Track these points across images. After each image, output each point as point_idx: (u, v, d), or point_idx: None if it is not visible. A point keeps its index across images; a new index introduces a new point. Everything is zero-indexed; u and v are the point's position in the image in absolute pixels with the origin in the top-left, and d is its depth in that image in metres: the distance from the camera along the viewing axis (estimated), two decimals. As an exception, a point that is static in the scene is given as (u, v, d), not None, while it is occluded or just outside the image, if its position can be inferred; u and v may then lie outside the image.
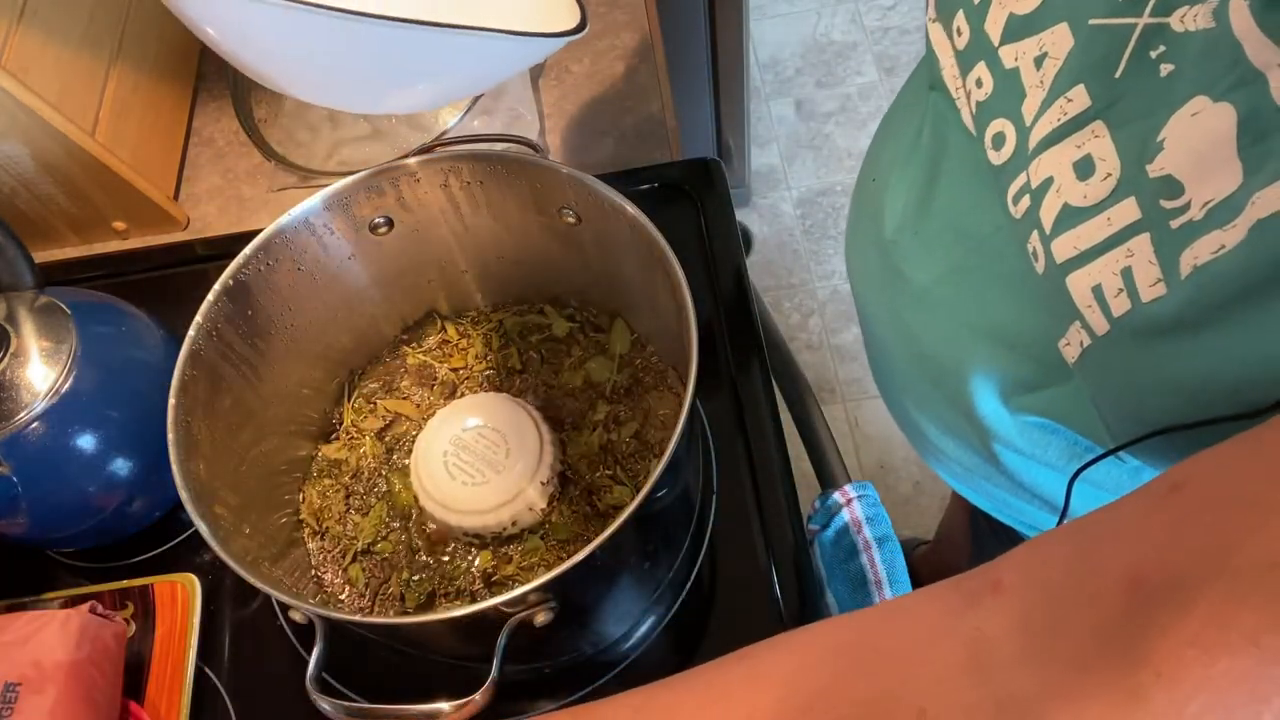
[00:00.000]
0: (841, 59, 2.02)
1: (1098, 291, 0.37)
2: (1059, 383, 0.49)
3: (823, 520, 0.69)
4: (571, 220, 0.62)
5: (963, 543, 1.27)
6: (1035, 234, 0.40)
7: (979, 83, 0.44)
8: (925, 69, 0.54)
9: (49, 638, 0.58)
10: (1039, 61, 0.39)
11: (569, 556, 0.47)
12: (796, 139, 1.94)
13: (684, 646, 0.63)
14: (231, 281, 0.58)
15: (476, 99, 0.87)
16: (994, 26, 0.42)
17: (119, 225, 0.85)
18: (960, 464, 0.60)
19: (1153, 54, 0.34)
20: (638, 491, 0.49)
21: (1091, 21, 0.37)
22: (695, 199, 0.79)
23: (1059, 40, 0.38)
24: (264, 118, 0.90)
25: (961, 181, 0.50)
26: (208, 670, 0.65)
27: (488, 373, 0.71)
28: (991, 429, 0.56)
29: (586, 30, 0.51)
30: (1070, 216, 0.38)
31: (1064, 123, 0.38)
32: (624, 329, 0.70)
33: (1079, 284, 0.38)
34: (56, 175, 0.79)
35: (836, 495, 0.69)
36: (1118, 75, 0.36)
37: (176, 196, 0.88)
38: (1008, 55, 0.41)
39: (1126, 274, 0.36)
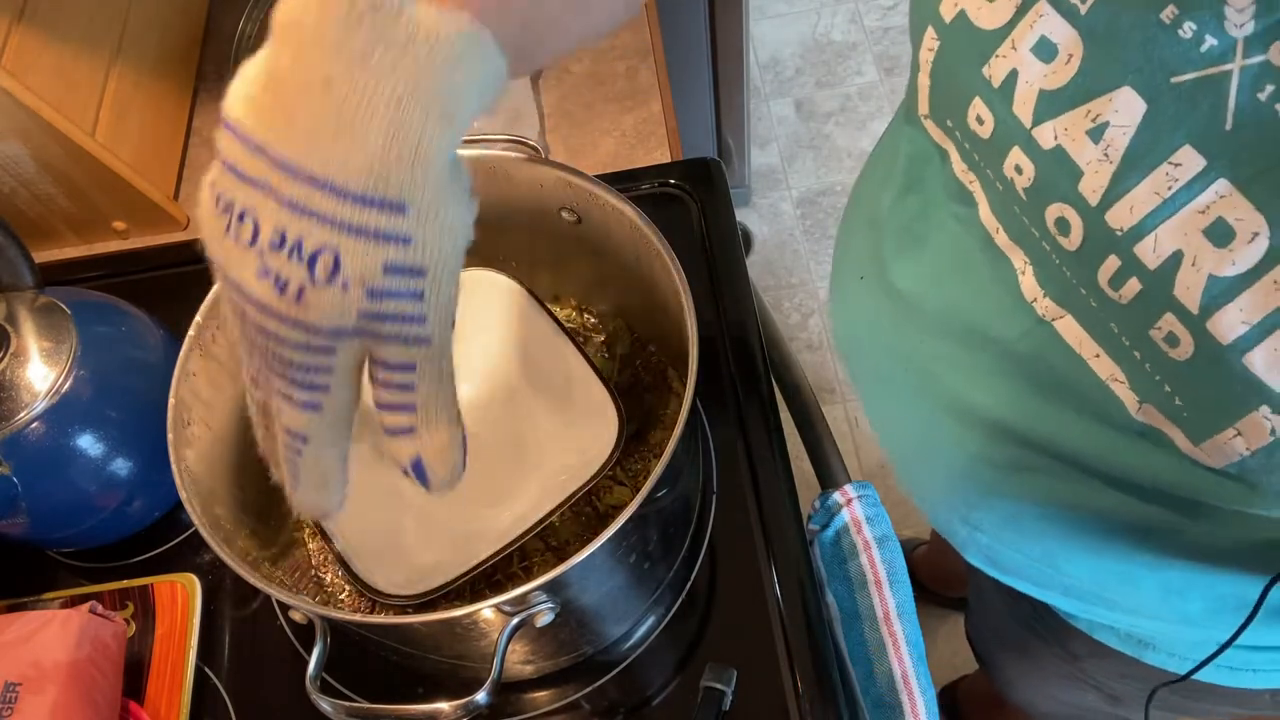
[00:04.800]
0: (841, 59, 2.02)
1: None
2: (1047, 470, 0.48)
3: (823, 520, 0.69)
4: (571, 220, 0.62)
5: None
6: (1170, 317, 0.35)
7: (1019, 169, 0.40)
8: (920, 162, 0.50)
9: (49, 638, 0.58)
10: (1096, 134, 0.36)
11: (569, 557, 0.47)
12: (796, 139, 1.94)
13: (684, 646, 0.63)
14: (231, 281, 0.58)
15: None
16: (1024, 106, 0.38)
17: (119, 225, 0.85)
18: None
19: (1261, 96, 0.31)
20: (638, 491, 0.49)
21: (1174, 79, 0.33)
22: (695, 199, 0.79)
23: (1122, 106, 0.35)
24: (264, 118, 0.90)
25: (976, 281, 0.47)
26: (208, 670, 0.65)
27: (488, 373, 0.71)
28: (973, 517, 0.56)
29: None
30: (1225, 289, 0.33)
31: (1177, 190, 0.34)
32: (624, 329, 0.70)
33: (1265, 361, 0.33)
34: (56, 175, 0.79)
35: (836, 495, 0.68)
36: (1228, 128, 0.32)
37: (176, 196, 0.88)
38: (1044, 134, 0.38)
39: None
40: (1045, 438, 0.47)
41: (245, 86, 0.33)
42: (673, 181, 0.80)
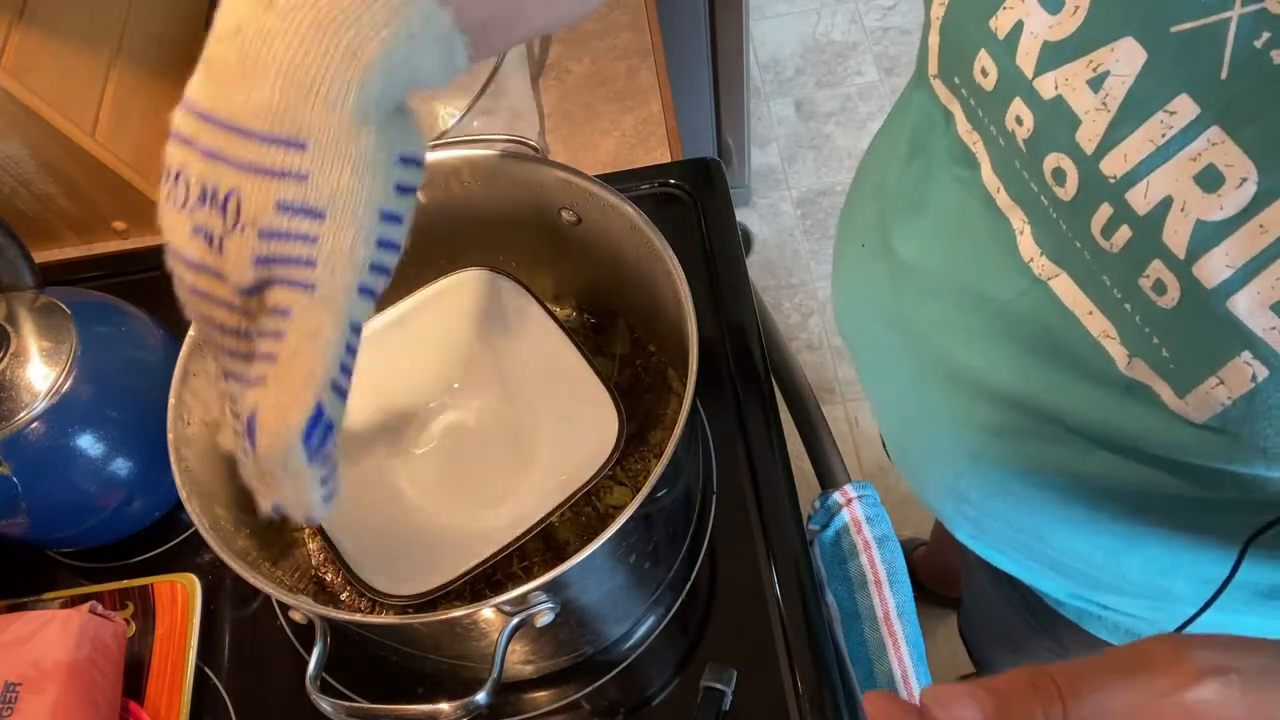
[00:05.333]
0: (841, 59, 2.02)
1: None
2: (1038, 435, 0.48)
3: (823, 520, 0.69)
4: (571, 220, 0.62)
5: (957, 543, 1.27)
6: (1158, 263, 0.36)
7: (1019, 120, 0.41)
8: (925, 128, 0.51)
9: (49, 638, 0.58)
10: (1096, 83, 0.37)
11: (569, 557, 0.47)
12: (796, 139, 1.94)
13: (684, 646, 0.63)
14: (231, 281, 0.58)
15: (476, 99, 0.87)
16: (1027, 58, 0.39)
17: (119, 225, 0.85)
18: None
19: (1257, 44, 0.32)
20: (638, 491, 0.49)
21: (1174, 28, 0.34)
22: (695, 199, 0.79)
23: (1124, 56, 0.36)
24: (264, 118, 0.90)
25: (975, 243, 0.48)
26: (208, 670, 0.65)
27: (488, 373, 0.71)
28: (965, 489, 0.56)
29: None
30: (1211, 234, 0.34)
31: (1171, 137, 0.35)
32: (624, 329, 0.70)
33: (1248, 304, 0.34)
34: (56, 175, 0.79)
35: (836, 495, 0.69)
36: (1224, 76, 0.33)
37: (176, 196, 0.88)
38: (1045, 85, 0.39)
39: None
40: (1036, 399, 0.47)
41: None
42: (673, 181, 0.80)
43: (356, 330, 0.35)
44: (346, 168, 0.33)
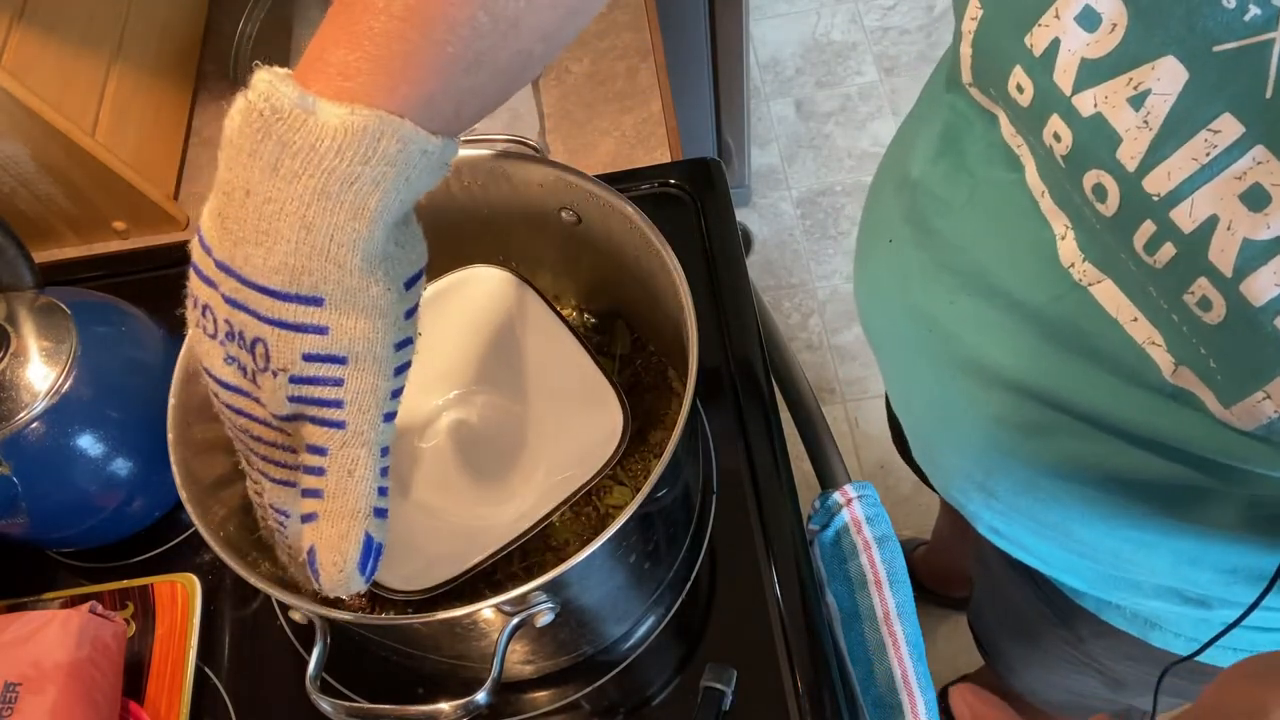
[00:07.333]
0: (841, 59, 2.02)
1: None
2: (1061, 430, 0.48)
3: (823, 520, 0.69)
4: (571, 220, 0.62)
5: (958, 543, 1.27)
6: (1203, 281, 0.36)
7: (1057, 137, 0.41)
8: (961, 127, 0.51)
9: (49, 638, 0.58)
10: (1137, 102, 0.36)
11: (569, 557, 0.47)
12: (796, 139, 1.94)
13: (684, 646, 0.63)
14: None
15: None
16: (1065, 75, 0.39)
17: (119, 225, 0.85)
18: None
19: None
20: (638, 491, 0.49)
21: (1216, 48, 0.34)
22: (695, 199, 0.79)
23: (1165, 74, 0.35)
24: (264, 118, 0.89)
25: (1011, 244, 0.48)
26: (208, 670, 0.65)
27: (488, 373, 0.71)
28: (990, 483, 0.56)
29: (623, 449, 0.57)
30: (1259, 252, 0.34)
31: (1215, 156, 0.35)
32: (624, 329, 0.70)
33: None
34: (56, 175, 0.79)
35: (836, 495, 0.68)
36: (1268, 95, 0.33)
37: (176, 196, 0.88)
38: (1084, 102, 0.38)
39: None
40: (1068, 397, 0.47)
41: (211, 194, 0.38)
42: (673, 181, 0.80)
43: (385, 453, 0.39)
44: (361, 318, 0.37)
